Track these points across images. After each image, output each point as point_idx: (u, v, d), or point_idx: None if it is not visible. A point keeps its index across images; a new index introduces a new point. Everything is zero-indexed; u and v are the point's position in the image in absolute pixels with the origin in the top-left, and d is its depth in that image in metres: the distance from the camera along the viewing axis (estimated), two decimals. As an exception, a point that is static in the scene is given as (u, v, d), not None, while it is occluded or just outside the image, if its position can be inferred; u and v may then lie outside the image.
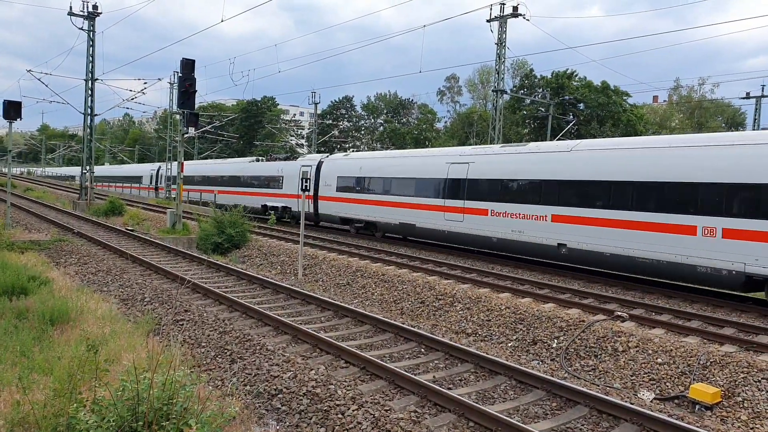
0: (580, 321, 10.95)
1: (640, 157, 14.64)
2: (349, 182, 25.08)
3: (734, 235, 12.51)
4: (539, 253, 17.13)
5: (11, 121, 20.38)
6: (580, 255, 15.72)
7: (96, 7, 33.21)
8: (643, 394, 8.67)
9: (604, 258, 15.10)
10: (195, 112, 22.83)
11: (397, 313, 13.33)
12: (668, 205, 13.71)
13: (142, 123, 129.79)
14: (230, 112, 76.22)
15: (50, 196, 41.79)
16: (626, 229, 14.49)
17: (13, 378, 5.87)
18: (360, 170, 24.54)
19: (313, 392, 6.91)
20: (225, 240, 20.89)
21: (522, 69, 64.91)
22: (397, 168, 22.79)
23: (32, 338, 7.69)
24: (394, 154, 27.48)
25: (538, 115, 51.64)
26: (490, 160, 18.99)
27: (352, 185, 24.90)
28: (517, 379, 7.88)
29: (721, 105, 65.78)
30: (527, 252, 17.54)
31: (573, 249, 15.79)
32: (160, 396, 4.59)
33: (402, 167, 22.65)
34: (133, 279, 13.52)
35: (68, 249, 17.44)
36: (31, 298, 9.81)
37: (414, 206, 21.34)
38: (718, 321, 11.22)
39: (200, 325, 9.88)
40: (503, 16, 31.39)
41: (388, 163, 23.88)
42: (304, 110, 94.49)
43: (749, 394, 8.10)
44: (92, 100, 33.74)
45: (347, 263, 17.10)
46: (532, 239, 16.87)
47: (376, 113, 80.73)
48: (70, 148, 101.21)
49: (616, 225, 14.76)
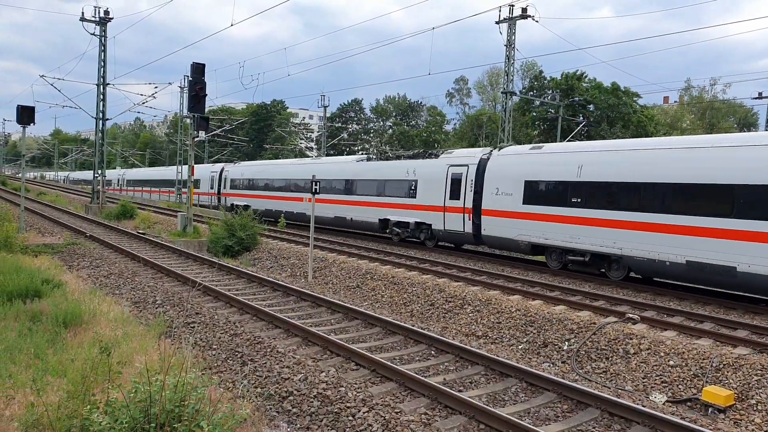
0: (591, 323, 10.90)
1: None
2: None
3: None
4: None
5: (25, 126, 20.61)
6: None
7: (107, 13, 33.57)
8: (655, 396, 8.61)
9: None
10: (205, 116, 22.99)
11: (407, 315, 13.33)
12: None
13: (152, 127, 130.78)
14: (240, 116, 76.69)
15: (63, 200, 42.21)
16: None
17: (28, 380, 5.93)
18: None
19: (323, 394, 6.93)
20: (235, 243, 21.00)
21: (531, 71, 64.68)
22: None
23: (46, 341, 7.76)
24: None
25: (547, 117, 51.44)
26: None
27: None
28: (528, 381, 7.85)
29: (733, 105, 65.23)
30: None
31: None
32: (172, 398, 4.63)
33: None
34: (144, 282, 13.62)
35: (81, 252, 17.60)
36: (44, 301, 9.90)
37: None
38: (731, 323, 11.12)
39: (211, 328, 9.94)
40: (512, 17, 31.32)
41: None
42: (314, 113, 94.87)
43: (763, 397, 8.03)
44: (104, 105, 34.09)
45: (357, 265, 17.12)
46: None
47: (385, 116, 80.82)
48: (83, 153, 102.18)
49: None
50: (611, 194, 15.03)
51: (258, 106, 79.37)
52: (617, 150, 15.71)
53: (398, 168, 23.47)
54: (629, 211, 14.50)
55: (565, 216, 15.97)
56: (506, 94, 33.79)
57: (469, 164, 20.07)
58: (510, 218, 17.73)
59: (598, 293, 13.66)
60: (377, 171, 24.81)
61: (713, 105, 65.51)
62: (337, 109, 79.60)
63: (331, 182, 26.43)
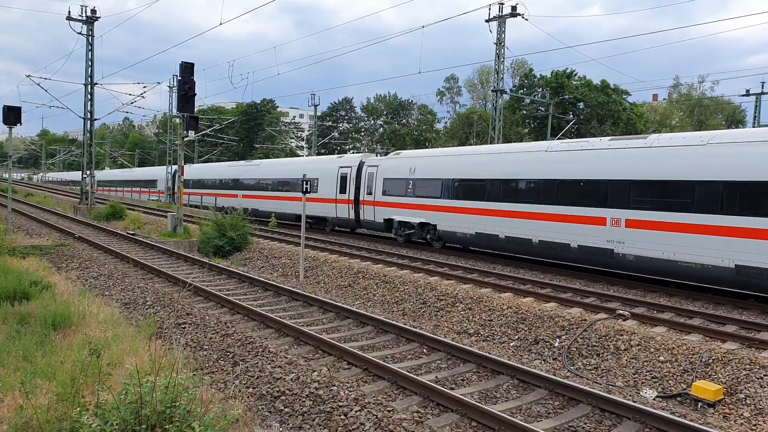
0: (581, 320, 10.96)
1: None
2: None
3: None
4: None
5: (11, 127, 20.39)
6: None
7: (94, 12, 33.24)
8: (646, 392, 8.67)
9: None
10: (195, 116, 22.87)
11: (399, 314, 13.34)
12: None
13: (142, 127, 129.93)
14: (230, 115, 76.33)
15: (51, 201, 41.83)
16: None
17: (16, 383, 5.88)
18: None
19: (315, 394, 6.92)
20: (226, 243, 20.91)
21: (521, 69, 64.94)
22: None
23: (35, 343, 7.69)
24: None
25: (537, 115, 51.65)
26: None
27: None
28: (520, 378, 7.88)
29: (721, 102, 65.84)
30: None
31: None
32: (163, 399, 4.61)
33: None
34: (134, 283, 13.53)
35: (69, 254, 17.46)
36: (33, 303, 9.81)
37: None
38: (720, 318, 11.22)
39: (202, 328, 9.89)
40: (502, 16, 31.42)
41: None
42: (304, 112, 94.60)
43: (752, 391, 8.10)
44: (92, 105, 33.79)
45: (348, 265, 17.11)
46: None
47: (376, 114, 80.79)
48: (71, 153, 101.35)
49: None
50: (429, 187, 21.30)
51: (248, 106, 78.95)
52: (435, 156, 23.04)
53: (303, 168, 28.08)
54: (440, 198, 20.63)
55: (404, 203, 22.46)
56: (496, 92, 33.90)
57: (352, 166, 25.66)
58: (375, 206, 24.00)
59: (588, 290, 13.74)
60: (295, 171, 29.89)
61: (702, 102, 66.05)
62: (327, 108, 79.46)
63: (259, 181, 33.20)
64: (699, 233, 13.12)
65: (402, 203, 22.49)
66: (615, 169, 15.09)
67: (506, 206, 18.07)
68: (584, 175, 15.91)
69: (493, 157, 19.74)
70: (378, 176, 23.90)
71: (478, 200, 19.13)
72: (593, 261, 15.85)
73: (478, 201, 19.13)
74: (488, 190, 18.76)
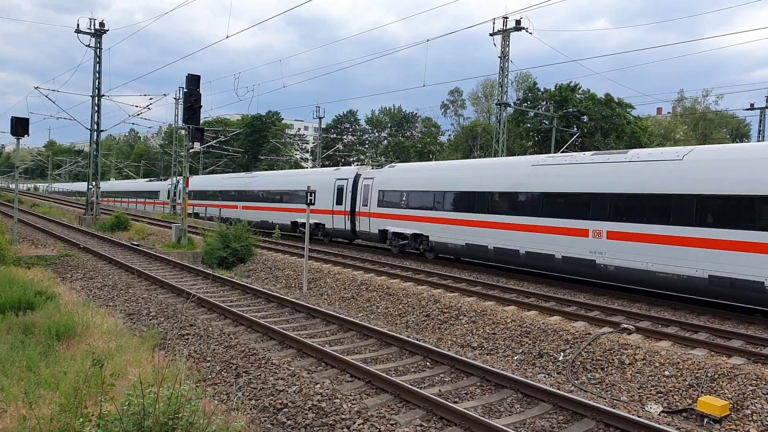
0: (586, 334, 10.90)
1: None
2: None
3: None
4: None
5: (19, 138, 20.56)
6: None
7: (102, 25, 33.58)
8: (651, 407, 8.60)
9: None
10: (200, 127, 23.01)
11: (403, 326, 13.30)
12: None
13: (147, 138, 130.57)
14: (235, 127, 76.65)
15: (56, 211, 42.02)
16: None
17: (20, 393, 5.88)
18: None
19: (318, 406, 6.90)
20: (230, 254, 20.94)
21: (525, 82, 65.14)
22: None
23: (38, 353, 7.71)
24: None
25: (541, 128, 51.76)
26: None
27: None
28: (524, 392, 7.83)
29: (726, 116, 65.77)
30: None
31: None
32: (165, 410, 4.60)
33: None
34: (138, 294, 13.55)
35: (74, 264, 17.51)
36: (37, 313, 9.84)
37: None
38: (726, 333, 11.14)
39: (205, 340, 9.89)
40: (506, 29, 31.59)
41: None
42: (309, 124, 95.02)
43: (758, 407, 8.03)
44: (99, 116, 34.03)
45: (352, 276, 17.10)
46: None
47: (380, 127, 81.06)
48: (77, 164, 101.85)
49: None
50: (422, 199, 21.77)
51: (253, 118, 79.30)
52: (427, 169, 24.14)
53: (302, 181, 29.33)
54: (432, 210, 21.15)
55: (398, 214, 22.84)
56: (500, 105, 33.99)
57: (348, 178, 26.01)
58: (370, 217, 24.33)
59: (593, 304, 13.69)
60: (288, 183, 31.75)
61: (706, 116, 66.02)
62: (332, 120, 79.78)
63: (258, 193, 34.22)
64: (675, 245, 13.49)
65: (396, 215, 22.88)
66: (597, 183, 15.45)
67: (494, 218, 18.47)
68: (568, 189, 16.32)
69: (482, 171, 20.22)
70: (373, 188, 24.27)
71: (467, 212, 19.57)
72: (576, 271, 16.17)
73: (467, 213, 19.56)
74: (477, 203, 19.23)
